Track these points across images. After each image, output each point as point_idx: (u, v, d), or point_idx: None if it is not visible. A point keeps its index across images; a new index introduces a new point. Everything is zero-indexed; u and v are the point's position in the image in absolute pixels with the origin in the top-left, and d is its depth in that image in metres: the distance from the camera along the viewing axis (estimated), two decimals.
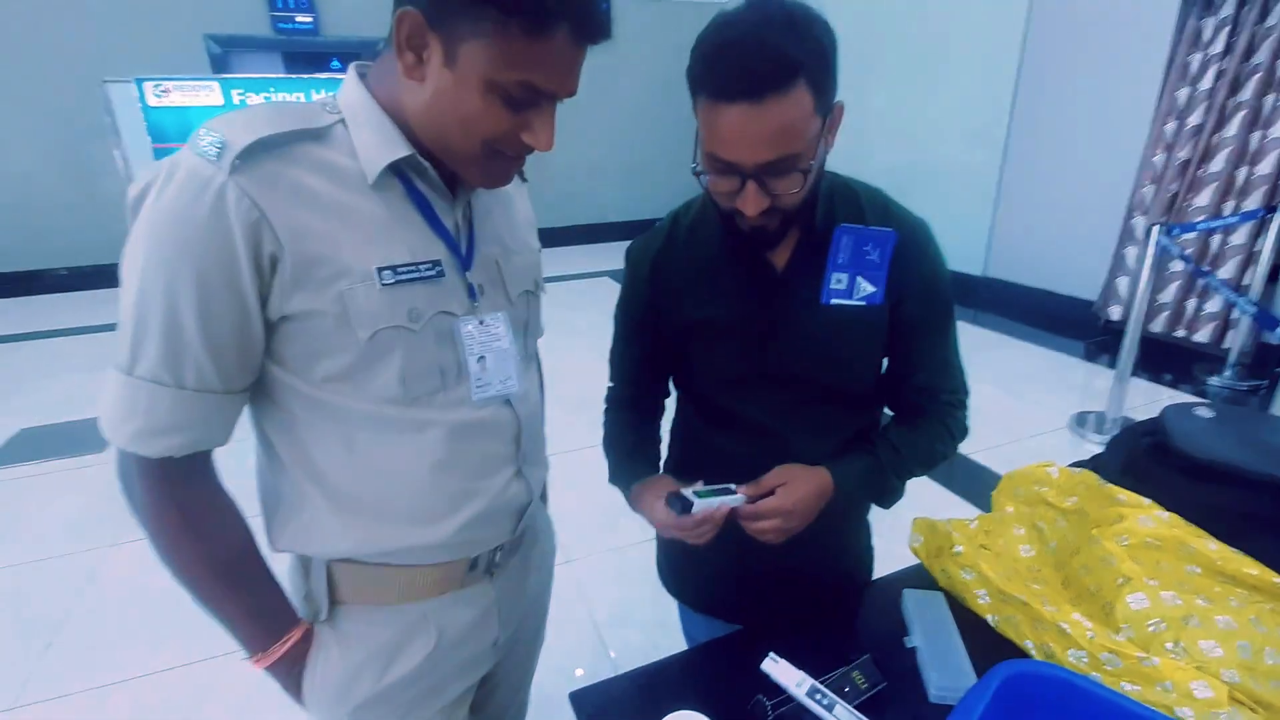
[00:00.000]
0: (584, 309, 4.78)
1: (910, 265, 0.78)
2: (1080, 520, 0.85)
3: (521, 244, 0.78)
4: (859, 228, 0.76)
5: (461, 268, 0.67)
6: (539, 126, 0.60)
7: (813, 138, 0.65)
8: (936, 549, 0.87)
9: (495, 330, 0.69)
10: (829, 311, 0.78)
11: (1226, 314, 3.39)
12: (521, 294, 0.75)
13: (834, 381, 0.82)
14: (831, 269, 0.77)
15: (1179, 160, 3.48)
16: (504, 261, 0.72)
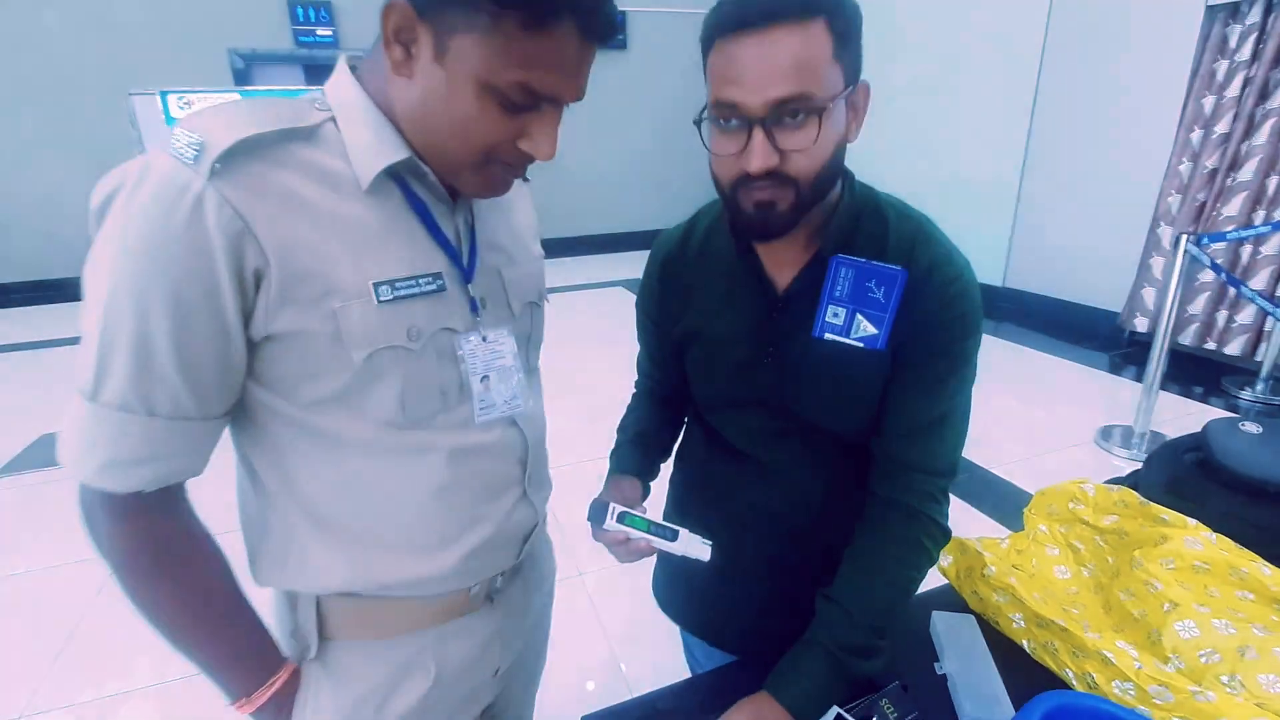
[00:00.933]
0: (598, 318, 4.76)
1: (922, 308, 0.68)
2: (1120, 541, 0.80)
3: (524, 252, 0.73)
4: (859, 262, 0.68)
5: (463, 279, 0.62)
6: (539, 134, 0.55)
7: (831, 87, 0.59)
8: (967, 569, 0.82)
9: (499, 347, 0.64)
10: (821, 346, 0.71)
11: (1259, 326, 3.29)
12: (525, 306, 0.71)
13: (821, 420, 0.74)
14: (826, 300, 0.70)
15: (1206, 169, 3.40)
16: (507, 271, 0.68)
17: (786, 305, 0.73)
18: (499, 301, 0.66)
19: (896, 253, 0.69)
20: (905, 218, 0.71)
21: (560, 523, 2.23)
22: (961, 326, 0.68)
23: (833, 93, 0.59)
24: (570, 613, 1.87)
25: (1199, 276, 3.44)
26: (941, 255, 0.69)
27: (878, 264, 0.68)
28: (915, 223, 0.70)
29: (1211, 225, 3.38)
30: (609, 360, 4.03)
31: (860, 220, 0.70)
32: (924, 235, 0.70)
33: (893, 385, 0.71)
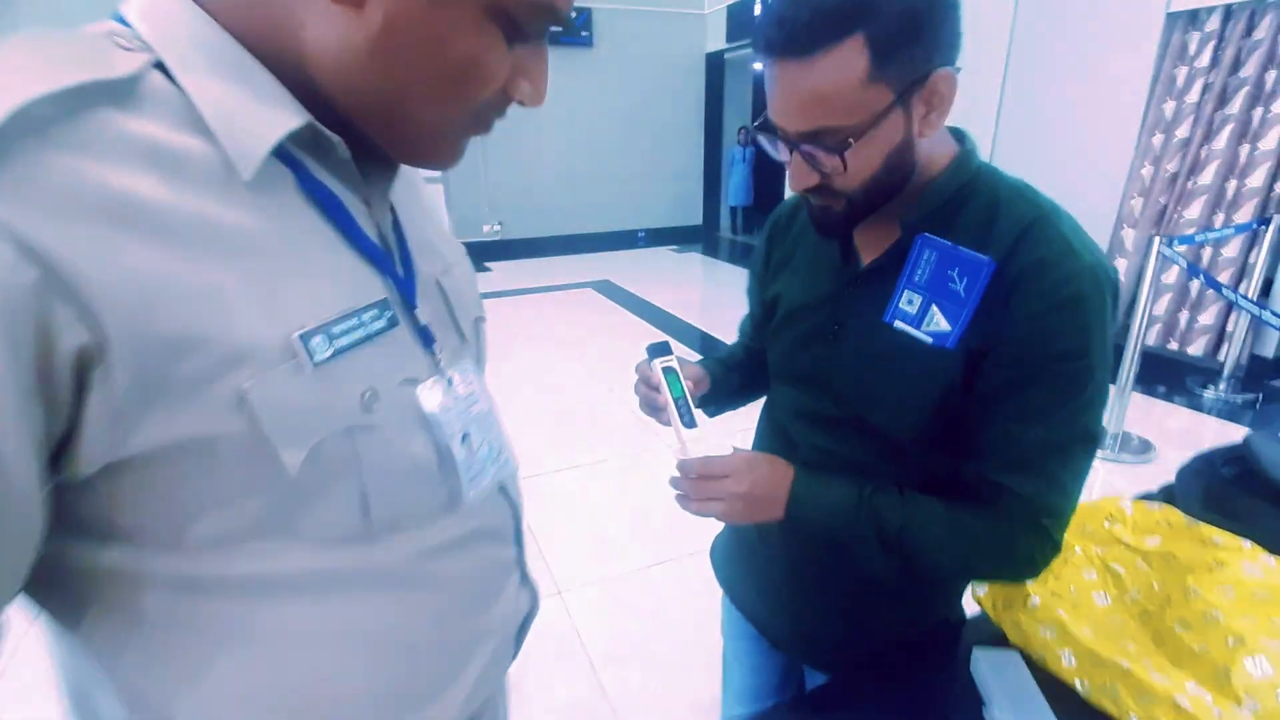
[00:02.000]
0: (570, 320, 4.65)
1: (1015, 312, 0.58)
2: (1168, 566, 0.74)
3: (454, 250, 0.56)
4: (945, 245, 0.61)
5: (407, 303, 0.44)
6: (537, 72, 0.41)
7: (868, 110, 0.56)
8: (1005, 599, 0.75)
9: (469, 388, 0.49)
10: (889, 333, 0.65)
11: (1221, 327, 3.37)
12: (473, 324, 0.55)
13: (867, 412, 0.69)
14: (904, 285, 0.64)
15: (1167, 173, 3.48)
16: (446, 281, 0.51)
17: (866, 281, 0.68)
18: (447, 325, 0.50)
19: (1000, 241, 0.60)
20: (1026, 203, 0.62)
21: (536, 539, 2.12)
22: (1067, 341, 0.58)
23: (871, 114, 0.56)
24: (550, 636, 1.76)
25: (1161, 278, 3.51)
26: (1057, 252, 0.58)
27: (965, 250, 0.60)
28: (1038, 211, 0.61)
29: (1173, 228, 3.45)
30: (579, 363, 3.94)
31: (964, 200, 0.63)
32: (1043, 226, 0.59)
33: (982, 405, 0.62)
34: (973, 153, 0.65)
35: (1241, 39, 3.19)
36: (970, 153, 0.65)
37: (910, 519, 0.64)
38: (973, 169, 0.64)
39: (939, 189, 0.63)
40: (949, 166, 0.64)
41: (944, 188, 0.63)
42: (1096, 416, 0.61)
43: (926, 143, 0.61)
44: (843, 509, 0.66)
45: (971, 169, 0.64)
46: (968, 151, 0.65)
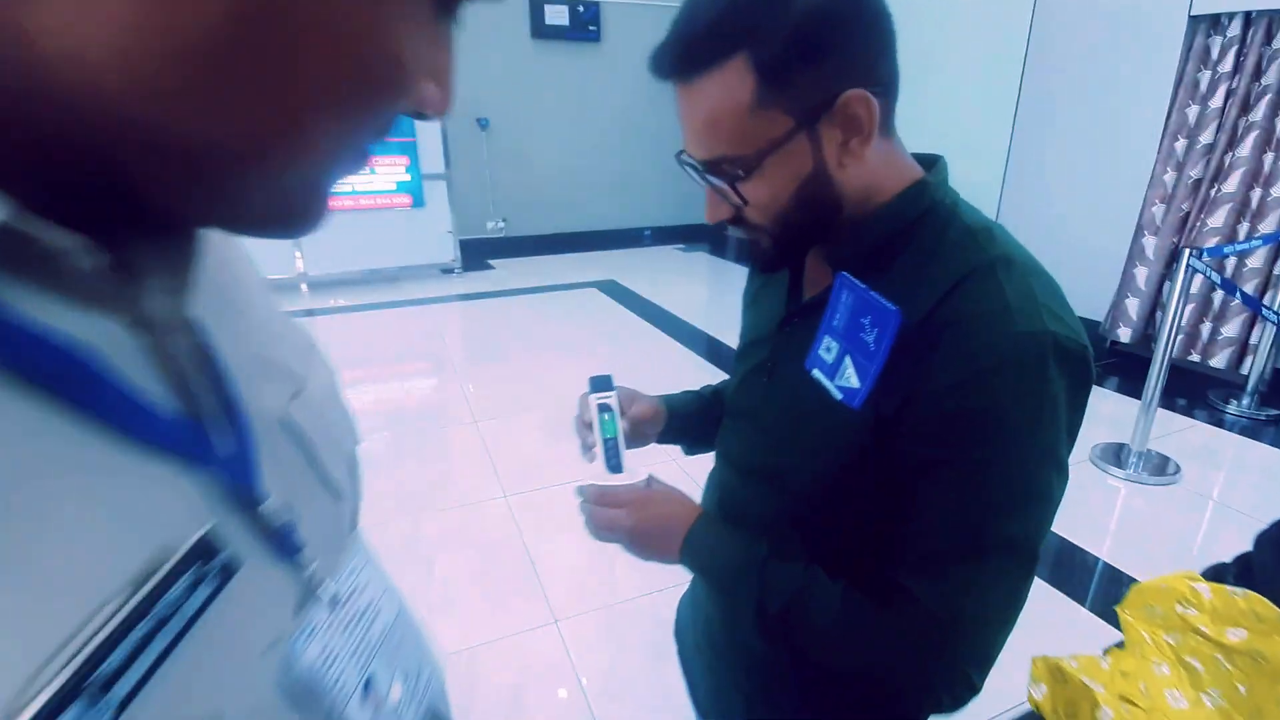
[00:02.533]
0: (571, 322, 4.55)
1: (931, 377, 0.49)
2: (1256, 668, 0.65)
3: (301, 350, 0.39)
4: (860, 287, 0.53)
5: (245, 499, 0.28)
6: (445, 66, 0.27)
7: (763, 138, 0.51)
8: (1069, 705, 0.66)
9: (362, 596, 0.36)
10: (805, 382, 0.59)
11: (1245, 339, 3.27)
12: (346, 461, 0.40)
13: (779, 465, 0.64)
14: (823, 329, 0.57)
15: (1190, 179, 3.36)
16: (299, 413, 0.35)
17: (802, 321, 0.63)
18: (311, 490, 0.35)
19: (931, 290, 0.51)
20: (974, 248, 0.53)
21: (532, 562, 2.04)
22: (979, 421, 0.48)
23: (767, 141, 0.51)
24: (543, 668, 1.67)
25: None
26: (988, 309, 0.48)
27: (875, 296, 0.51)
28: (982, 259, 0.51)
29: (1197, 236, 3.34)
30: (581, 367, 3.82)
31: (909, 238, 0.55)
32: (983, 277, 0.50)
33: (894, 479, 0.53)
34: (934, 184, 0.57)
35: (1262, 46, 3.08)
36: (929, 184, 0.56)
37: (799, 599, 0.56)
38: (925, 203, 0.56)
39: (875, 223, 0.56)
40: (895, 199, 0.56)
41: (882, 221, 0.56)
42: (1025, 523, 0.49)
43: (866, 170, 0.54)
44: (733, 567, 0.60)
45: (924, 203, 0.56)
46: (926, 183, 0.56)
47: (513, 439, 2.79)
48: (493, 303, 5.06)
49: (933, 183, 0.57)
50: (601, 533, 0.67)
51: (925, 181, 0.57)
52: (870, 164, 0.54)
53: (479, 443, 2.78)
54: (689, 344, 4.09)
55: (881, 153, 0.54)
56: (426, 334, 4.29)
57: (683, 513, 0.65)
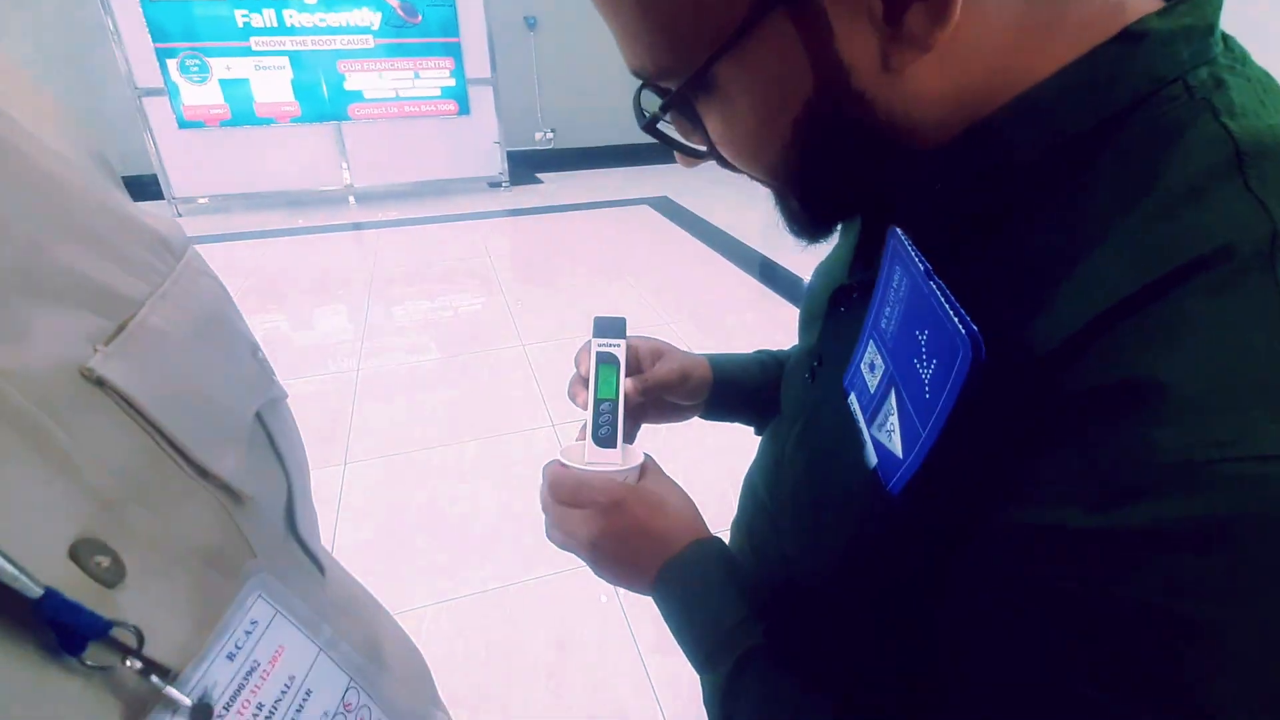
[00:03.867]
0: (622, 242, 4.36)
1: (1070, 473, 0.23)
2: None
3: (136, 236, 0.25)
4: (913, 260, 0.29)
5: None
6: None
7: (712, 24, 0.29)
8: None
9: (270, 676, 0.24)
10: (838, 410, 0.37)
11: None
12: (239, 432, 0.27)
13: (782, 510, 0.45)
14: (868, 329, 0.34)
15: None
16: (134, 362, 0.22)
17: (863, 298, 0.38)
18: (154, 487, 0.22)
19: (1109, 275, 0.24)
20: (1245, 192, 0.23)
21: None
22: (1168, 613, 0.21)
23: (716, 30, 0.29)
24: (589, 605, 1.64)
25: None
26: (1266, 358, 0.21)
27: (935, 288, 0.27)
28: (1274, 220, 0.22)
29: None
30: (631, 290, 3.68)
31: (1085, 155, 0.27)
32: (1264, 263, 0.22)
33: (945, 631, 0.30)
34: (1160, 39, 0.26)
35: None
36: (1148, 39, 0.26)
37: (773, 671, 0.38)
38: (1132, 85, 0.26)
39: (954, 154, 0.30)
40: (1053, 80, 0.27)
41: (1016, 133, 0.28)
42: None
43: (961, 59, 0.27)
44: (704, 640, 0.42)
45: (1128, 85, 0.26)
46: (1138, 37, 0.26)
47: (561, 365, 2.71)
48: (540, 219, 4.88)
49: (1159, 36, 0.26)
50: (555, 536, 0.48)
51: (1137, 34, 0.26)
52: (973, 43, 0.27)
53: (526, 368, 2.71)
54: (743, 266, 3.86)
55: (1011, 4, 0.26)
56: (474, 251, 4.18)
57: (670, 529, 0.44)
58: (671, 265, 3.94)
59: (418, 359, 2.83)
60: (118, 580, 0.19)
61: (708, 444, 2.00)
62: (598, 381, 0.53)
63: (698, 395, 0.60)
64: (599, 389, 0.53)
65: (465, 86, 5.01)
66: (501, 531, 1.86)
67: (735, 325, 3.13)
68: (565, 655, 1.53)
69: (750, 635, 0.40)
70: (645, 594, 0.46)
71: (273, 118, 4.67)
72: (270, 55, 4.50)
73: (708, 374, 0.60)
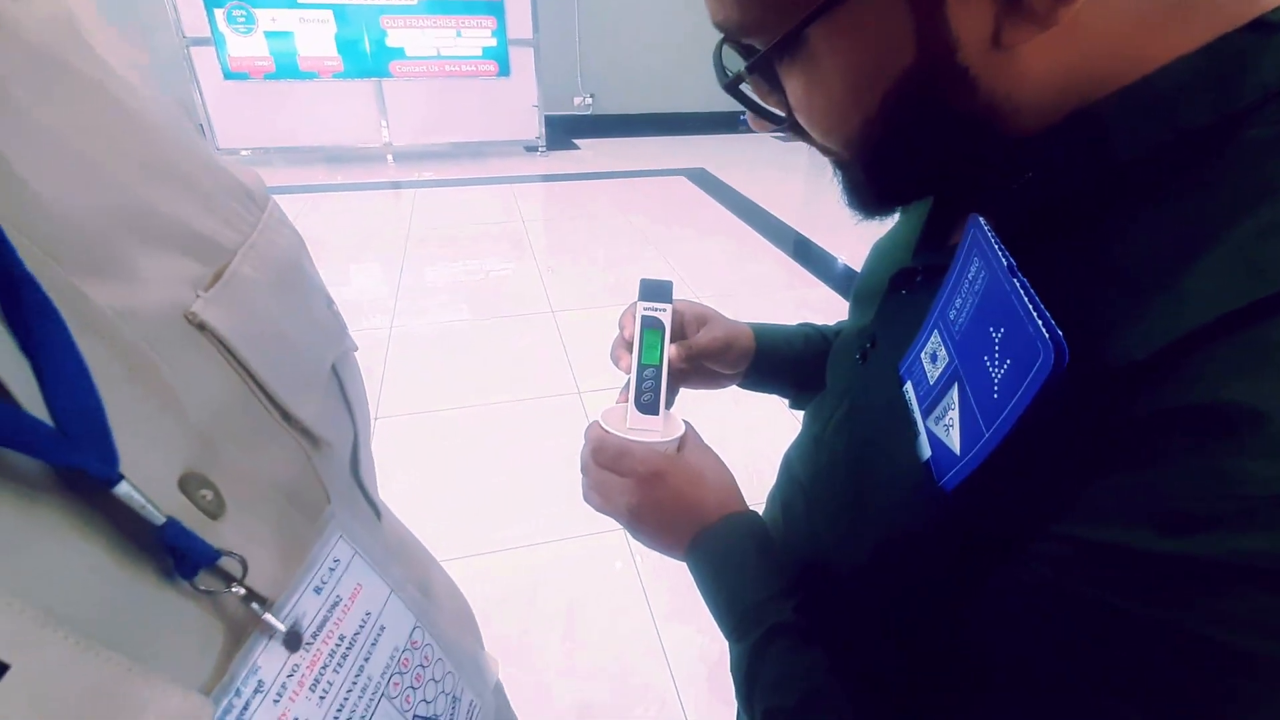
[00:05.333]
0: (656, 213, 4.31)
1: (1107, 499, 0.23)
2: None
3: (224, 185, 0.26)
4: (996, 253, 0.27)
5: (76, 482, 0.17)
6: None
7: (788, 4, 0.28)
8: None
9: (348, 612, 0.25)
10: (891, 397, 0.36)
11: None
12: (318, 380, 0.28)
13: (821, 499, 0.44)
14: (935, 319, 0.33)
15: None
16: (229, 309, 0.23)
17: (927, 281, 0.37)
18: (247, 431, 0.23)
19: (1203, 293, 0.22)
20: None
21: None
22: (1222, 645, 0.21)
23: (805, 6, 0.27)
24: (607, 570, 1.67)
25: None
26: None
27: (1020, 288, 0.26)
28: None
29: None
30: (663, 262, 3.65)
31: (1189, 159, 0.25)
32: None
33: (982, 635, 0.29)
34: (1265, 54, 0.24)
35: None
36: (1262, 42, 0.24)
37: (785, 702, 0.37)
38: (1245, 91, 0.24)
39: (1118, 105, 0.26)
40: (1159, 74, 0.26)
41: (1141, 101, 0.26)
42: None
43: (1080, 41, 0.26)
44: (734, 607, 0.43)
45: (1240, 90, 0.24)
46: (1249, 39, 0.24)
47: (590, 333, 2.71)
48: (576, 185, 4.86)
49: None
50: (593, 499, 0.49)
51: (1273, 24, 0.24)
52: (1093, 24, 0.25)
53: (555, 334, 2.72)
54: (777, 242, 3.81)
55: None
56: (508, 215, 4.19)
57: (707, 501, 0.45)
58: (705, 238, 3.90)
59: (449, 319, 2.87)
60: (219, 513, 0.21)
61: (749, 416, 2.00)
62: (642, 346, 0.52)
63: (740, 364, 0.59)
64: (643, 354, 0.52)
65: (506, 47, 4.96)
66: (523, 494, 1.89)
67: (766, 302, 3.10)
68: (580, 617, 1.56)
69: (777, 612, 0.40)
70: (679, 560, 0.47)
71: (315, 72, 4.69)
72: (315, 9, 4.50)
73: (751, 344, 0.59)
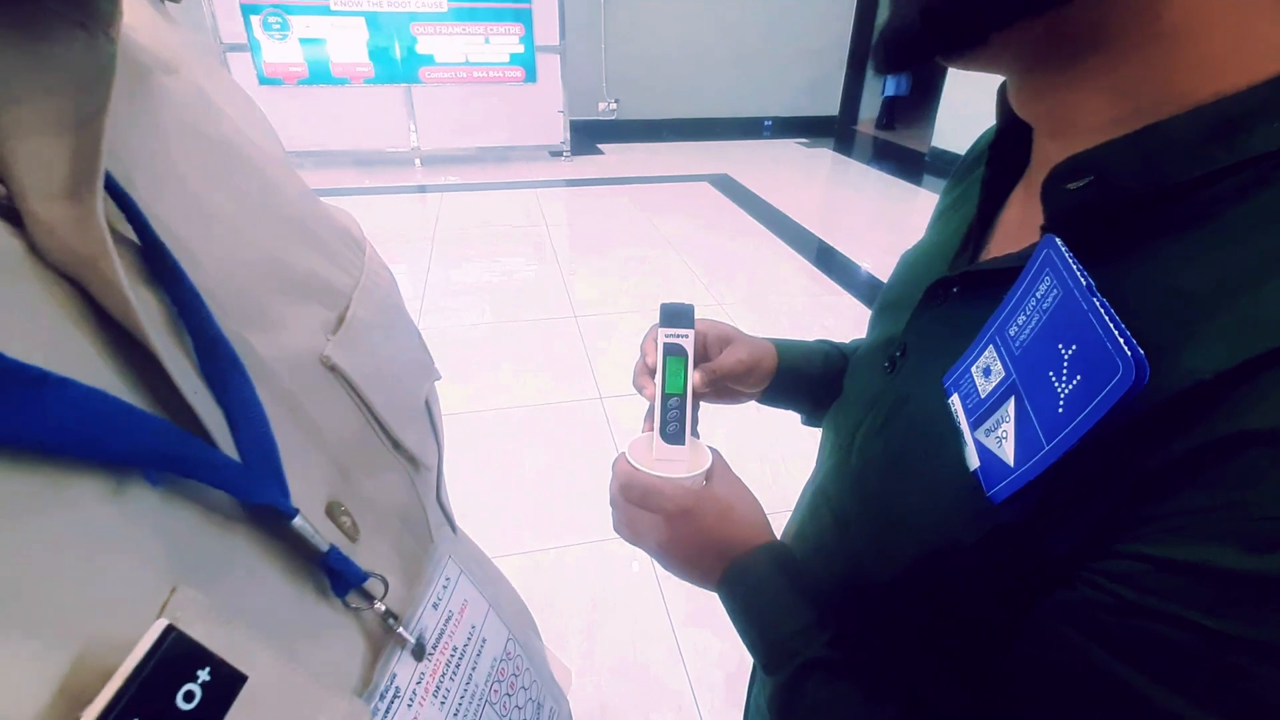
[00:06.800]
0: (679, 219, 4.33)
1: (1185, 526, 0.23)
2: None
3: (337, 234, 0.28)
4: (1075, 272, 0.26)
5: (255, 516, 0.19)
6: None
7: None
8: None
9: (459, 625, 0.26)
10: (940, 406, 0.35)
11: None
12: (417, 411, 0.30)
13: (849, 518, 0.44)
14: (991, 332, 0.32)
15: None
16: (351, 349, 0.25)
17: (967, 292, 0.37)
18: (368, 459, 0.25)
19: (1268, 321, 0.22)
20: None
21: None
22: None
23: None
24: (625, 576, 1.68)
25: None
26: None
27: (1100, 308, 0.25)
28: None
29: None
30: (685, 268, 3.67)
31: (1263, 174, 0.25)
32: None
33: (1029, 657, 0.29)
34: None
35: None
36: None
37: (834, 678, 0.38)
38: None
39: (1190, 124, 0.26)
40: (1261, 86, 0.25)
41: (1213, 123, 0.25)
42: None
43: None
44: (767, 641, 0.42)
45: None
46: None
47: (612, 339, 2.73)
48: (600, 190, 4.89)
49: None
50: (624, 533, 0.49)
51: None
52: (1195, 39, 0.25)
53: (577, 338, 2.75)
54: (800, 249, 3.79)
55: None
56: (532, 219, 4.23)
57: (736, 534, 0.45)
58: (728, 244, 3.90)
59: (472, 321, 2.91)
60: (356, 537, 0.23)
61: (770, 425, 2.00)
62: (665, 375, 0.50)
63: (762, 383, 0.59)
64: (666, 383, 0.50)
65: (533, 53, 5.02)
66: (543, 498, 1.92)
67: (787, 309, 3.09)
68: (599, 620, 1.57)
69: (810, 645, 0.40)
70: (710, 591, 0.47)
71: (347, 78, 4.79)
72: (348, 16, 4.60)
73: (774, 363, 0.59)
